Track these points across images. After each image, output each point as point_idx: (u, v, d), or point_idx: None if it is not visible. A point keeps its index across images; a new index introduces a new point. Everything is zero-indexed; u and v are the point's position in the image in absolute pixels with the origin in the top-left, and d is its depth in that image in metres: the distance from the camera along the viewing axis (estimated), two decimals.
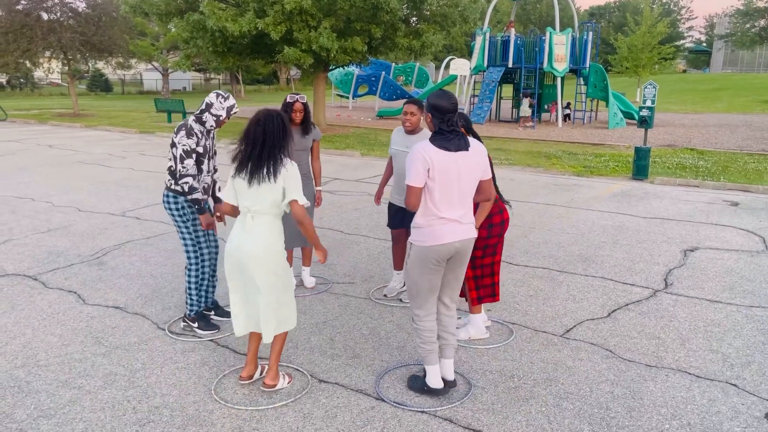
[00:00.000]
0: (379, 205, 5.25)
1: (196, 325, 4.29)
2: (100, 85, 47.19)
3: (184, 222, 4.16)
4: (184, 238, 4.22)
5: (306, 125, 4.99)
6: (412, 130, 4.57)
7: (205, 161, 4.13)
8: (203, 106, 4.02)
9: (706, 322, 4.54)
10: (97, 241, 6.53)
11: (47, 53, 24.45)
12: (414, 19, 17.70)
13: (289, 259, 5.31)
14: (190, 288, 4.29)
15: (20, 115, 23.80)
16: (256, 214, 3.27)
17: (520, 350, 4.07)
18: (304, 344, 4.12)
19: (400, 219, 4.85)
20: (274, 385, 3.48)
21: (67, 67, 24.97)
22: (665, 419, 3.25)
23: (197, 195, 4.00)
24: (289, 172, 3.25)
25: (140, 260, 5.88)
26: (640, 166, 10.74)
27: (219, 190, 4.38)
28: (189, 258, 4.27)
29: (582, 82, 21.40)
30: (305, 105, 4.93)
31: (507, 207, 4.25)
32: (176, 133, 3.99)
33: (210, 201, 4.47)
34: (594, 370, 3.78)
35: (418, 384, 3.52)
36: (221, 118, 4.07)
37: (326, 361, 3.87)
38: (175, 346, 4.06)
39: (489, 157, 3.57)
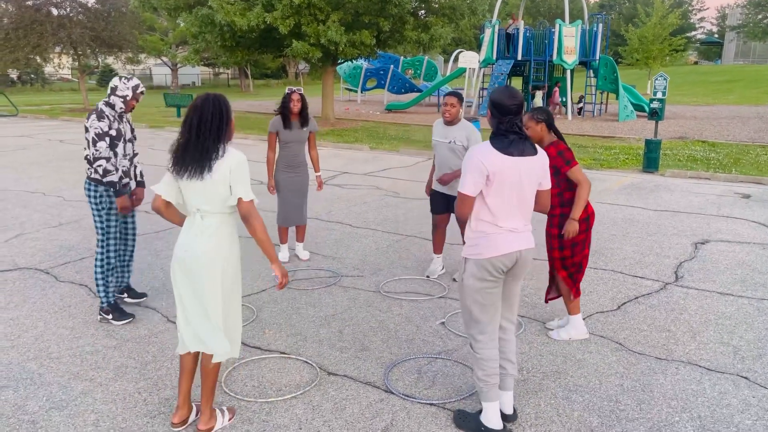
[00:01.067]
0: (428, 195, 5.36)
1: (110, 316, 4.32)
2: (109, 80, 47.36)
3: (98, 211, 4.25)
4: (96, 227, 4.32)
5: (304, 116, 5.43)
6: (450, 121, 4.88)
7: (120, 144, 4.25)
8: (109, 90, 4.14)
9: (717, 315, 4.51)
10: None
11: (57, 49, 24.57)
12: (422, 11, 17.64)
13: (284, 236, 5.65)
14: (96, 279, 4.36)
15: (31, 111, 23.96)
16: (205, 213, 2.88)
17: (529, 343, 4.06)
18: (313, 337, 4.13)
19: (444, 205, 5.15)
20: (212, 428, 3.03)
21: (77, 63, 25.07)
22: (675, 412, 3.24)
23: (112, 177, 4.12)
24: (229, 162, 2.83)
25: (150, 254, 5.91)
26: (651, 159, 10.66)
27: (141, 175, 4.61)
28: (97, 247, 4.36)
29: (592, 75, 21.25)
30: (302, 96, 5.38)
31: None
32: (87, 118, 4.08)
33: (132, 184, 4.55)
34: (603, 363, 3.77)
35: (471, 424, 3.05)
36: (128, 98, 4.18)
37: (335, 354, 3.88)
38: None
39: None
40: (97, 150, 4.05)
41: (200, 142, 2.80)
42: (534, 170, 2.96)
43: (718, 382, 3.55)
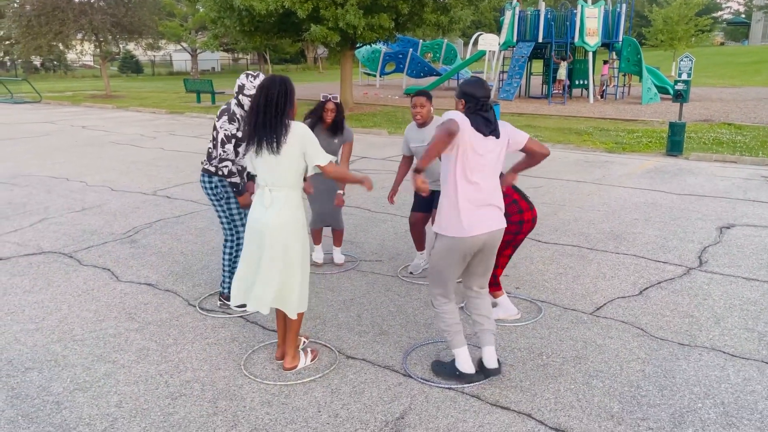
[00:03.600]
0: (393, 204, 5.15)
1: (230, 302, 4.32)
2: (131, 66, 47.74)
3: (218, 200, 4.19)
4: (219, 217, 4.28)
5: (335, 127, 4.90)
6: (423, 123, 4.65)
7: (243, 144, 4.16)
8: (236, 89, 3.99)
9: (742, 301, 4.43)
10: (129, 219, 6.64)
11: (79, 35, 24.79)
12: None
13: (318, 237, 5.35)
14: (224, 266, 4.35)
15: (54, 97, 24.26)
16: (273, 187, 3.23)
17: (549, 328, 4.03)
18: (332, 321, 4.14)
19: (427, 204, 4.92)
20: (295, 366, 3.49)
21: (98, 49, 25.29)
22: (698, 398, 3.20)
23: (236, 179, 4.05)
24: (299, 134, 3.17)
25: (171, 238, 5.97)
26: (675, 142, 10.46)
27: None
28: (224, 236, 4.34)
29: (615, 57, 20.87)
30: (338, 105, 4.87)
31: (529, 208, 4.16)
32: (218, 118, 3.99)
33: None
34: (624, 348, 3.73)
35: (446, 369, 3.38)
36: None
37: (354, 338, 3.89)
38: (205, 322, 4.12)
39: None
40: (224, 151, 3.99)
41: (268, 119, 3.12)
42: (499, 149, 3.25)
43: (742, 368, 3.49)
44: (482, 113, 3.17)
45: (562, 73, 19.88)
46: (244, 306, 4.32)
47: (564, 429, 2.95)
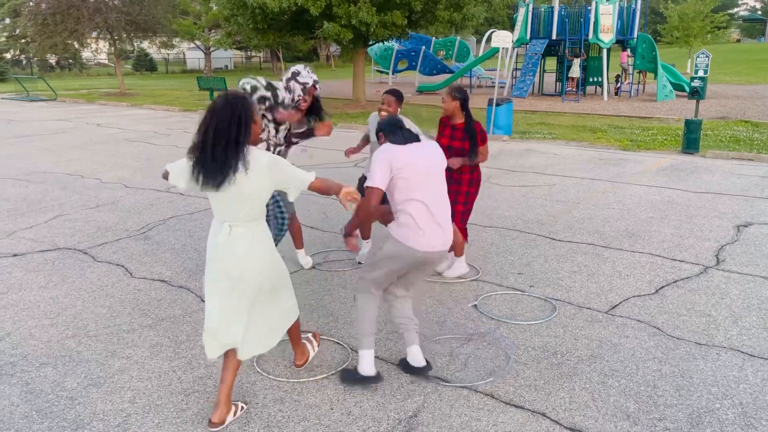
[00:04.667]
0: (348, 158, 5.24)
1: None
2: (145, 64, 48.00)
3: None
4: (272, 212, 4.28)
5: (311, 113, 4.44)
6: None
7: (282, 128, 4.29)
8: (289, 75, 4.04)
9: (761, 300, 4.36)
10: (143, 216, 6.67)
11: (94, 34, 24.97)
12: None
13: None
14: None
15: (69, 95, 24.45)
16: (234, 223, 2.77)
17: (564, 327, 3.99)
18: (344, 318, 4.13)
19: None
20: (307, 360, 3.46)
21: (113, 48, 25.46)
22: (716, 398, 3.15)
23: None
24: (264, 166, 2.70)
25: (184, 235, 5.98)
26: (691, 140, 10.34)
27: None
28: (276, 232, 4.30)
29: (630, 54, 20.66)
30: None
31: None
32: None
33: None
34: (641, 348, 3.68)
35: (351, 375, 3.29)
36: (307, 86, 4.14)
37: None
38: None
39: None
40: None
41: (218, 154, 2.60)
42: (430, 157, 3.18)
43: (761, 368, 3.43)
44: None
45: (575, 70, 19.70)
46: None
47: (579, 429, 2.91)
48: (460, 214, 4.73)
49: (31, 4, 24.30)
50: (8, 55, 40.44)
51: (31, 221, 6.49)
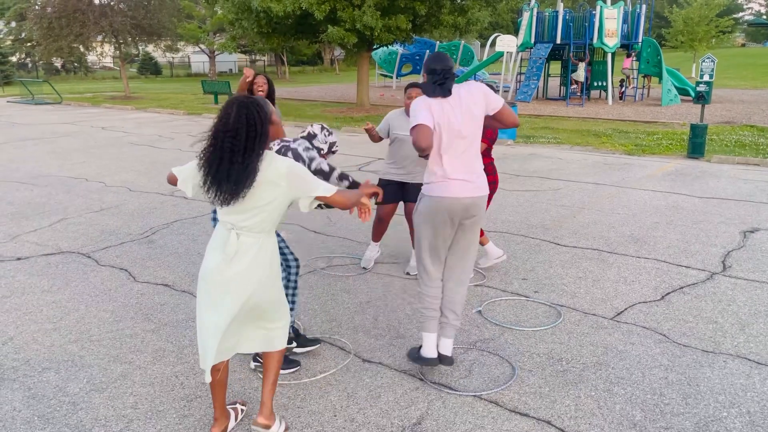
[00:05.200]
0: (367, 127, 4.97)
1: (293, 344, 3.64)
2: (149, 68, 48.18)
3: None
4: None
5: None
6: None
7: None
8: (306, 135, 3.70)
9: None
10: (146, 220, 6.67)
11: (99, 37, 25.06)
12: None
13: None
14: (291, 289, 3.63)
15: (74, 98, 24.53)
16: (242, 231, 2.57)
17: (569, 333, 3.96)
18: (348, 323, 4.11)
19: (396, 195, 5.01)
20: (270, 426, 2.82)
21: (118, 51, 25.55)
22: (723, 407, 3.11)
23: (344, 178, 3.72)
24: (284, 174, 2.53)
25: (188, 239, 5.97)
26: (696, 144, 10.30)
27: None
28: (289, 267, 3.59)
29: (635, 58, 20.62)
30: (269, 80, 4.78)
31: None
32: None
33: None
34: (647, 355, 3.65)
35: (413, 354, 3.45)
36: (323, 152, 3.75)
37: (370, 341, 3.85)
38: None
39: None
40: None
41: (233, 170, 2.43)
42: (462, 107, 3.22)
43: None
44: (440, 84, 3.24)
45: (580, 74, 19.67)
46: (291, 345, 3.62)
47: None
48: None
49: (36, 8, 24.41)
50: (14, 59, 40.64)
51: (35, 225, 6.49)
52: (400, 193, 4.99)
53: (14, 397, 3.23)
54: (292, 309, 3.56)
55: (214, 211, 3.46)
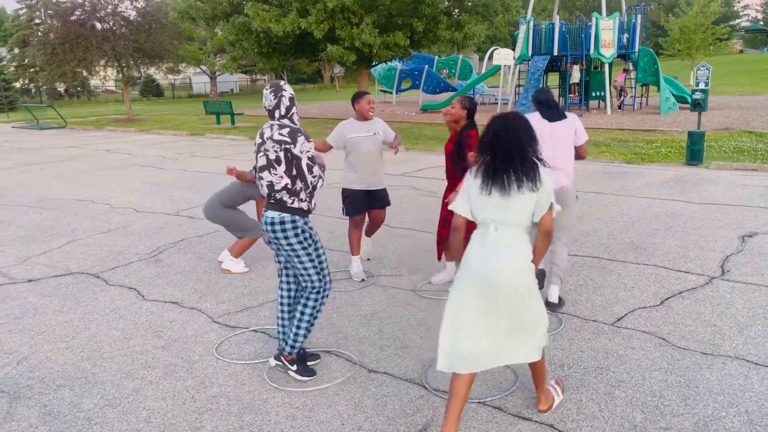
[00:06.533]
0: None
1: (294, 368, 3.61)
2: (152, 90, 48.69)
3: (304, 248, 3.52)
4: (305, 267, 3.54)
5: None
6: (369, 118, 5.36)
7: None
8: (288, 102, 3.47)
9: (766, 309, 4.40)
10: (153, 239, 6.78)
11: (102, 62, 25.40)
12: (456, 10, 17.60)
13: (245, 247, 5.56)
14: (300, 322, 3.59)
15: (78, 122, 24.82)
16: (500, 225, 2.82)
17: (570, 339, 4.04)
18: (354, 335, 4.19)
19: (366, 203, 5.36)
20: (551, 406, 3.20)
21: (120, 74, 25.88)
22: (722, 407, 3.18)
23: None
24: (547, 186, 2.84)
25: (195, 257, 6.08)
26: (695, 151, 10.40)
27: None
28: (312, 282, 3.59)
29: (632, 68, 20.81)
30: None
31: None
32: (291, 142, 3.40)
33: None
34: (647, 359, 3.72)
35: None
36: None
37: (375, 352, 3.94)
38: (229, 339, 4.20)
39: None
40: (315, 176, 3.47)
41: (527, 159, 2.80)
42: (565, 129, 4.47)
43: (766, 376, 3.46)
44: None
45: (576, 76, 19.84)
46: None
47: None
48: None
49: (39, 34, 24.79)
50: (17, 84, 41.13)
51: (44, 247, 6.61)
52: (365, 201, 5.34)
53: (31, 414, 3.32)
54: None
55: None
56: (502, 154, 2.80)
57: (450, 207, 3.02)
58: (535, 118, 4.36)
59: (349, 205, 5.33)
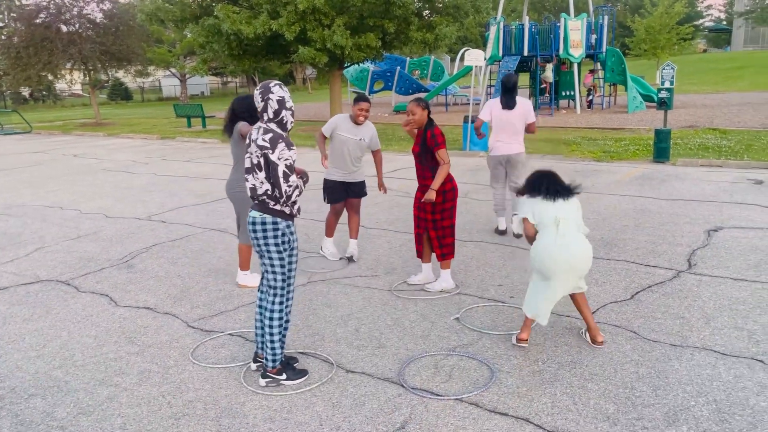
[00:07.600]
0: (326, 168, 5.76)
1: (283, 377, 3.58)
2: (120, 93, 47.91)
3: (279, 252, 3.48)
4: (273, 267, 3.50)
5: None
6: (361, 123, 5.58)
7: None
8: (276, 105, 3.35)
9: (731, 301, 4.53)
10: (125, 245, 6.69)
11: (68, 65, 24.91)
12: (426, 12, 17.68)
13: (248, 255, 5.23)
14: (272, 333, 3.54)
15: (44, 127, 24.31)
16: (562, 221, 3.77)
17: (544, 335, 4.10)
18: (330, 336, 4.20)
19: (345, 192, 5.73)
20: (602, 339, 3.93)
21: (87, 78, 25.42)
22: (691, 396, 3.27)
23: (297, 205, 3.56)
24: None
25: (167, 262, 6.02)
26: (661, 149, 10.63)
27: None
28: (275, 282, 3.53)
29: (599, 67, 21.17)
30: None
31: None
32: (270, 148, 3.32)
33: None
34: (618, 352, 3.80)
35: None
36: (292, 109, 3.48)
37: (352, 352, 3.95)
38: (205, 343, 4.17)
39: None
40: (290, 184, 3.36)
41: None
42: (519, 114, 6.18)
43: (733, 366, 3.57)
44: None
45: (548, 75, 20.11)
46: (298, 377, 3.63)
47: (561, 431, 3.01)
48: (441, 230, 4.91)
49: (3, 37, 24.22)
50: None
51: (11, 255, 6.47)
52: (344, 191, 5.74)
53: (2, 425, 3.26)
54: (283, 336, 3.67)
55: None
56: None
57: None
58: (495, 105, 6.31)
59: (329, 194, 5.77)
